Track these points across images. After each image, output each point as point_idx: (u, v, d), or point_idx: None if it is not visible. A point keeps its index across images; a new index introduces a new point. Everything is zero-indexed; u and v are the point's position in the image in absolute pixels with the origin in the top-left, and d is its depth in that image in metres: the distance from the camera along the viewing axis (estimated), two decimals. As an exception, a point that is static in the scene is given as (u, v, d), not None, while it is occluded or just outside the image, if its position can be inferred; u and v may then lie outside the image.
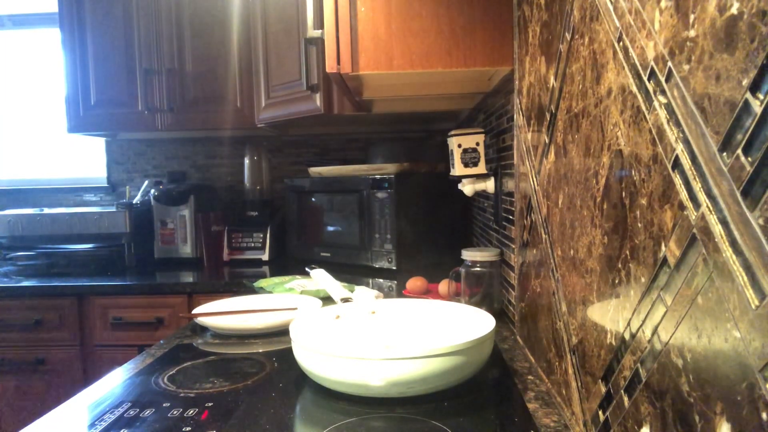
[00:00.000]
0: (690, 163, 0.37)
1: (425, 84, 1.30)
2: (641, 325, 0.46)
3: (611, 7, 0.52)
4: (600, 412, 0.58)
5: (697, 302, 0.37)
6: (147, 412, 0.73)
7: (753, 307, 0.30)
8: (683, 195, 0.38)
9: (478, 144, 1.23)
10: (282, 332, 1.12)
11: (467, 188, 1.29)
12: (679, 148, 0.39)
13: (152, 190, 2.14)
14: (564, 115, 0.70)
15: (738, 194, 0.31)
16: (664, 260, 0.41)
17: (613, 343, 0.53)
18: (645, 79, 0.45)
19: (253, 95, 2.03)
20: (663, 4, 0.41)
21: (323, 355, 0.75)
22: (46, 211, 2.07)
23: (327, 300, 1.33)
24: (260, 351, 1.01)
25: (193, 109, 2.07)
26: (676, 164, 0.39)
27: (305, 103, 1.76)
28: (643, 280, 0.46)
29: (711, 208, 0.35)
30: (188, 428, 0.68)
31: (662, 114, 0.41)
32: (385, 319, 0.99)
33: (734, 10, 0.32)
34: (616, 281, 0.52)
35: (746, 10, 0.30)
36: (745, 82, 0.31)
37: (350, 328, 0.96)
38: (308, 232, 2.01)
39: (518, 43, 1.00)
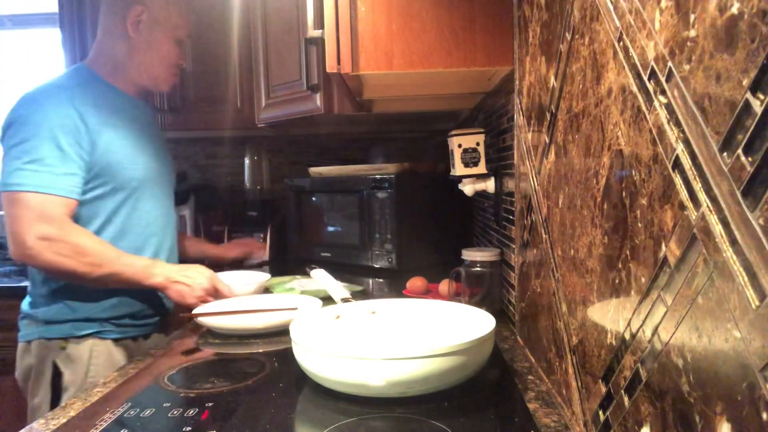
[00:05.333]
0: (690, 163, 0.37)
1: (425, 84, 1.30)
2: (641, 325, 0.46)
3: (611, 7, 0.52)
4: (600, 412, 0.58)
5: (697, 302, 0.37)
6: (147, 412, 0.73)
7: (753, 307, 0.30)
8: (683, 195, 0.38)
9: (478, 144, 1.23)
10: (282, 332, 1.12)
11: (467, 188, 1.29)
12: (680, 148, 0.39)
13: (152, 190, 2.14)
14: (564, 115, 0.70)
15: (738, 194, 0.31)
16: (665, 260, 0.41)
17: (614, 343, 0.53)
18: (645, 79, 0.45)
19: (254, 95, 2.03)
20: (663, 4, 0.41)
21: (323, 355, 0.75)
22: (46, 211, 2.06)
23: (327, 300, 1.33)
24: (260, 351, 1.01)
25: (194, 109, 2.07)
26: (677, 164, 0.39)
27: (305, 103, 1.76)
28: (643, 280, 0.46)
29: (711, 208, 0.34)
30: (188, 428, 0.68)
31: (662, 114, 0.41)
32: (385, 319, 0.99)
33: (734, 10, 0.32)
34: (617, 281, 0.52)
35: (746, 10, 0.30)
36: (746, 82, 0.31)
37: (350, 328, 0.96)
38: (308, 232, 2.01)
39: (518, 43, 1.00)
